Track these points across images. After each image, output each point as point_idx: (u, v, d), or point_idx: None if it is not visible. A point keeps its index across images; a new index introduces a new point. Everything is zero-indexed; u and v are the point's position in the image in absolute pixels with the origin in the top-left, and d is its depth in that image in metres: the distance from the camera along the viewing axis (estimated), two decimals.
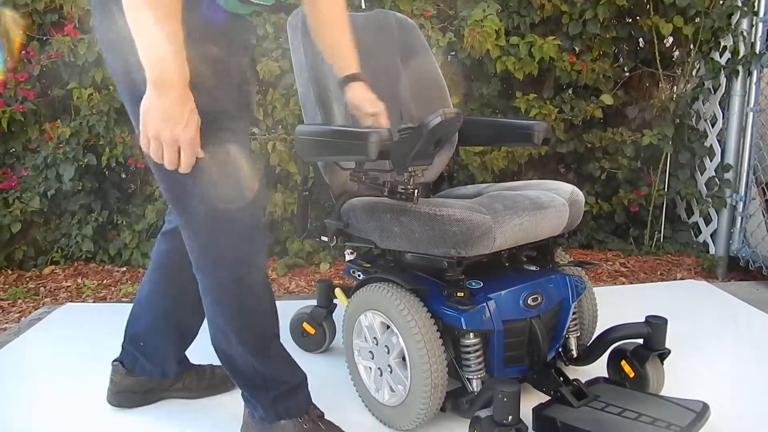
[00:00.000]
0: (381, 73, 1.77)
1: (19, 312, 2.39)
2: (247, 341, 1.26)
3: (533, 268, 1.58)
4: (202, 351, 1.68)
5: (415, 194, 1.35)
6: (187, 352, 1.60)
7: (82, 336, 2.03)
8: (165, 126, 1.01)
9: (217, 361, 1.66)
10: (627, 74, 3.03)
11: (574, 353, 1.60)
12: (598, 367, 1.57)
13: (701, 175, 2.99)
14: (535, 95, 2.82)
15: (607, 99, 2.81)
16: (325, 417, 1.37)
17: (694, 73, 3.00)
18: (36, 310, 2.36)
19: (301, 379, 1.36)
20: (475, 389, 1.38)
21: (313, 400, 1.59)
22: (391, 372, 1.42)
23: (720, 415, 1.40)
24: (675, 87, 2.99)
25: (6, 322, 2.29)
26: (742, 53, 2.72)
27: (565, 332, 1.54)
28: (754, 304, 2.30)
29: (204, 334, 1.97)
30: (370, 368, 1.50)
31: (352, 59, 1.40)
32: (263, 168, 2.69)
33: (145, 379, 1.54)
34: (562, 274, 1.54)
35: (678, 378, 1.61)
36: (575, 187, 1.58)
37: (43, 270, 2.79)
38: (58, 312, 2.29)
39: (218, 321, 1.26)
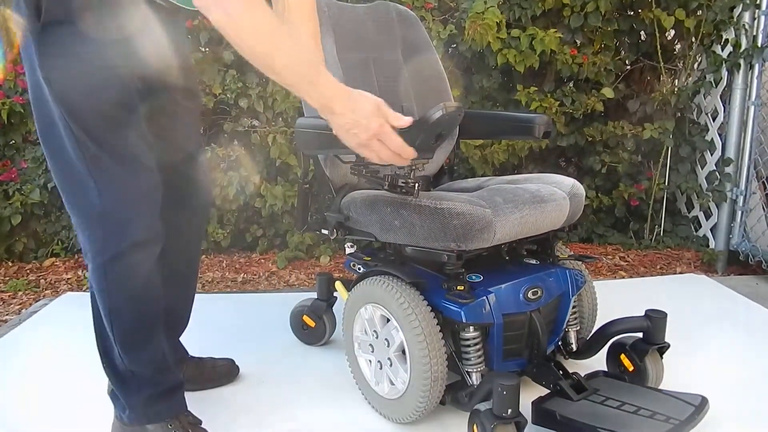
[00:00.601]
0: (381, 66, 1.77)
1: (20, 304, 2.39)
2: (118, 333, 1.23)
3: (533, 261, 1.58)
4: (202, 344, 1.69)
5: (416, 188, 1.35)
6: (187, 346, 1.60)
7: (82, 326, 2.03)
8: (356, 136, 1.08)
9: (217, 354, 1.68)
10: (628, 67, 3.02)
11: (574, 347, 1.61)
12: (598, 361, 1.58)
13: (702, 169, 2.99)
14: (536, 88, 2.81)
15: (608, 92, 2.81)
16: (202, 426, 1.33)
17: (695, 66, 2.99)
18: (36, 302, 2.37)
19: (177, 382, 1.33)
20: (475, 382, 1.38)
21: (313, 393, 1.60)
22: (391, 365, 1.42)
23: (719, 409, 1.41)
24: (676, 80, 2.98)
25: (6, 314, 2.29)
26: (743, 46, 2.71)
27: (564, 326, 1.55)
28: (753, 299, 2.30)
29: (202, 327, 1.98)
30: (370, 361, 1.50)
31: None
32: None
33: None
34: (562, 268, 1.54)
35: (677, 372, 1.61)
36: (576, 181, 1.58)
37: (43, 262, 2.79)
38: (58, 302, 2.29)
39: (96, 307, 1.25)
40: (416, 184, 1.35)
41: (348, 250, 1.74)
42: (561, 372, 1.43)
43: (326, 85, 1.07)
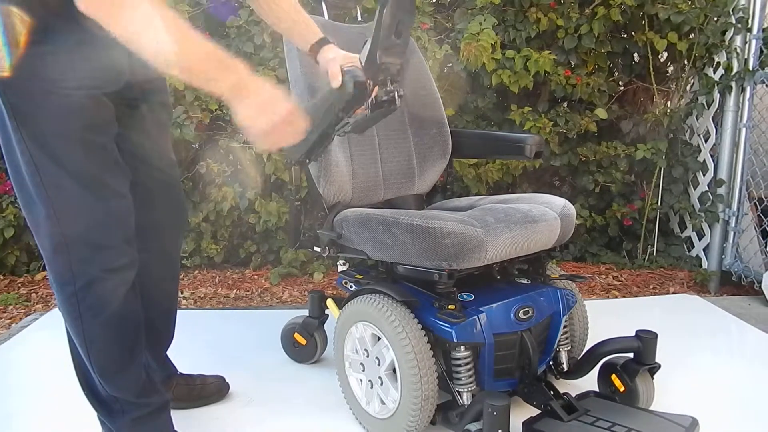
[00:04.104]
0: None
1: (10, 318, 2.37)
2: (96, 361, 1.21)
3: (525, 281, 1.58)
4: (192, 360, 1.68)
5: (396, 97, 1.28)
6: (177, 362, 1.59)
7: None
8: (266, 119, 1.04)
9: (208, 370, 1.67)
10: (621, 88, 3.06)
11: (565, 367, 1.61)
12: (589, 381, 1.58)
13: (694, 189, 3.01)
14: (530, 108, 2.84)
15: (601, 113, 2.83)
16: None
17: (688, 88, 3.02)
18: (27, 316, 2.36)
19: (162, 403, 1.31)
20: (466, 402, 1.38)
21: (304, 412, 1.59)
22: (381, 384, 1.42)
23: (709, 430, 1.40)
24: (669, 102, 3.02)
25: None
26: (735, 69, 2.75)
27: (555, 346, 1.55)
28: (745, 319, 2.31)
29: (193, 344, 1.97)
30: (361, 380, 1.49)
31: (313, 29, 1.37)
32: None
33: None
34: (553, 288, 1.55)
35: (668, 392, 1.61)
36: (567, 201, 1.59)
37: (35, 276, 2.78)
38: (48, 316, 2.28)
39: (70, 335, 1.23)
40: (395, 93, 1.28)
41: (340, 268, 1.74)
42: (552, 392, 1.43)
43: (233, 77, 1.03)
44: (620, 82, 3.06)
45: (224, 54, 1.01)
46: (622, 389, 1.51)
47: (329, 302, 1.74)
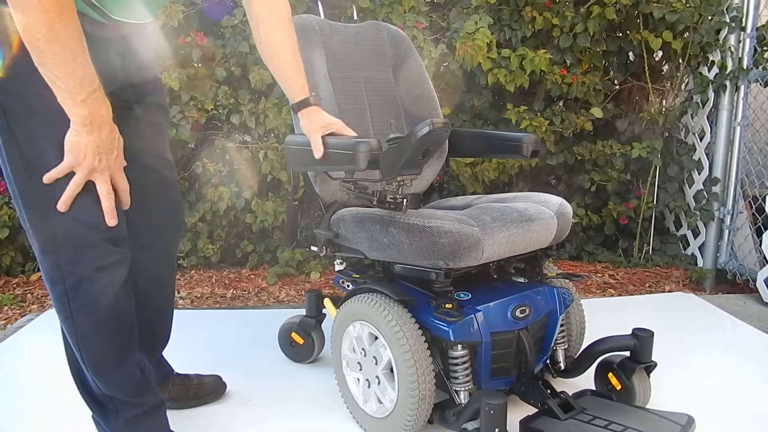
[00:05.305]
0: (372, 84, 1.79)
1: (5, 319, 2.36)
2: (89, 359, 1.20)
3: (521, 280, 1.58)
4: (189, 360, 1.67)
5: (404, 203, 1.36)
6: (173, 362, 1.59)
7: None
8: (100, 158, 1.07)
9: (205, 370, 1.67)
10: (617, 87, 3.06)
11: (562, 365, 1.61)
12: (586, 379, 1.58)
13: (689, 188, 3.02)
14: (526, 107, 2.84)
15: (596, 112, 2.84)
16: None
17: (682, 87, 3.03)
18: (22, 317, 2.35)
19: (157, 402, 1.30)
20: (463, 401, 1.38)
21: (301, 411, 1.59)
22: (378, 383, 1.42)
23: (705, 428, 1.41)
24: (664, 100, 3.03)
25: None
26: (729, 68, 2.76)
27: (552, 344, 1.55)
28: (740, 317, 2.32)
29: (190, 344, 1.96)
30: (358, 379, 1.49)
31: (299, 84, 1.40)
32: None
33: None
34: (549, 286, 1.55)
35: (664, 390, 1.62)
36: (563, 200, 1.60)
37: (30, 276, 2.76)
38: (44, 317, 2.27)
39: (63, 332, 1.22)
40: (404, 200, 1.36)
41: (337, 267, 1.74)
42: (549, 391, 1.44)
43: (106, 104, 1.06)
44: (615, 81, 3.07)
45: (101, 90, 1.04)
46: (618, 387, 1.51)
47: (326, 302, 1.74)
